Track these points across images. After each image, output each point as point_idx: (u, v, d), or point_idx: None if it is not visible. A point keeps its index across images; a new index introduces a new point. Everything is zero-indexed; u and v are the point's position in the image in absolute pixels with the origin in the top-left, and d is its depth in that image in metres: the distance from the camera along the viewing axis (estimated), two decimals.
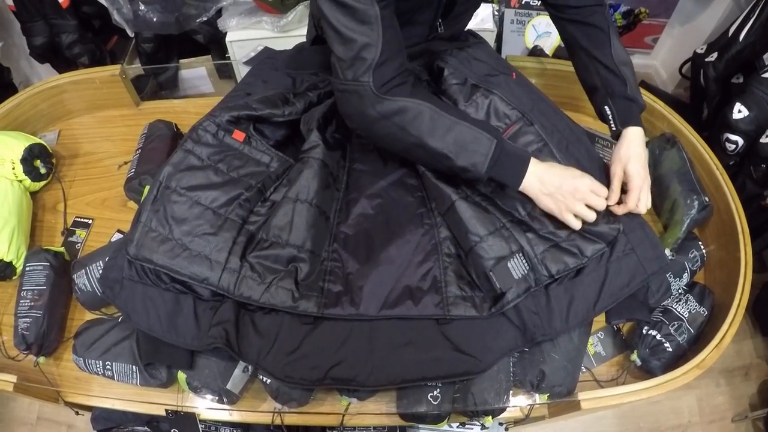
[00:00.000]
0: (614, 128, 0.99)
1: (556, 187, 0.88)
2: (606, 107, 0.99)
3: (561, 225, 0.91)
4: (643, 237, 0.93)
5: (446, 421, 0.96)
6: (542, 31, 1.83)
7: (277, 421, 0.96)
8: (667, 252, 1.09)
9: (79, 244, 1.23)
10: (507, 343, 0.88)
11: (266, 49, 1.30)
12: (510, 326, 0.88)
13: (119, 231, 1.23)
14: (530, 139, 0.97)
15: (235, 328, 0.86)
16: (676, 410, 1.71)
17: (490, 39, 1.80)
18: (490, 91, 1.01)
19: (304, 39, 1.20)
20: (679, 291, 1.08)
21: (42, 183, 1.30)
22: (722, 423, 1.70)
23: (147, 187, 1.13)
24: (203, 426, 1.02)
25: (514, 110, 0.99)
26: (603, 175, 0.99)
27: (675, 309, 1.04)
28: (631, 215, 0.94)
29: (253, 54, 1.32)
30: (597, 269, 0.91)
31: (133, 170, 1.23)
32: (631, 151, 0.95)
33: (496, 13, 1.81)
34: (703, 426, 1.69)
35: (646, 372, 1.01)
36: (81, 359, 0.98)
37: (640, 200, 0.93)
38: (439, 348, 0.85)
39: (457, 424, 1.09)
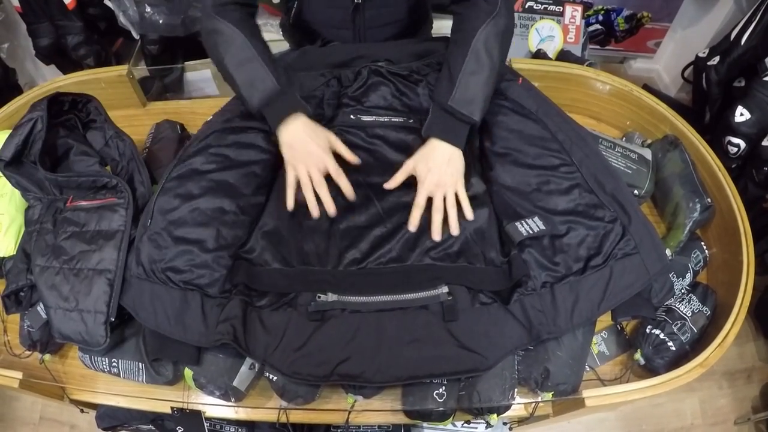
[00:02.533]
0: (423, 132, 0.97)
1: (299, 143, 0.94)
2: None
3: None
4: (646, 236, 0.94)
5: (451, 419, 0.96)
6: (545, 35, 1.84)
7: (283, 419, 0.97)
8: (668, 253, 1.09)
9: None
10: (513, 341, 0.88)
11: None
12: (516, 324, 0.88)
13: None
14: None
15: (243, 324, 0.87)
16: (679, 413, 1.72)
17: None
18: None
19: None
20: (682, 291, 1.09)
21: None
22: (725, 426, 1.70)
23: (155, 187, 1.14)
24: (208, 424, 1.02)
25: None
26: (609, 175, 0.99)
27: (678, 308, 1.05)
28: (637, 215, 0.95)
29: None
30: (602, 269, 0.91)
31: None
32: (427, 155, 0.94)
33: None
34: (706, 428, 1.70)
35: (650, 371, 1.02)
36: (87, 356, 0.99)
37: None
38: (445, 345, 0.86)
39: (462, 422, 1.09)
